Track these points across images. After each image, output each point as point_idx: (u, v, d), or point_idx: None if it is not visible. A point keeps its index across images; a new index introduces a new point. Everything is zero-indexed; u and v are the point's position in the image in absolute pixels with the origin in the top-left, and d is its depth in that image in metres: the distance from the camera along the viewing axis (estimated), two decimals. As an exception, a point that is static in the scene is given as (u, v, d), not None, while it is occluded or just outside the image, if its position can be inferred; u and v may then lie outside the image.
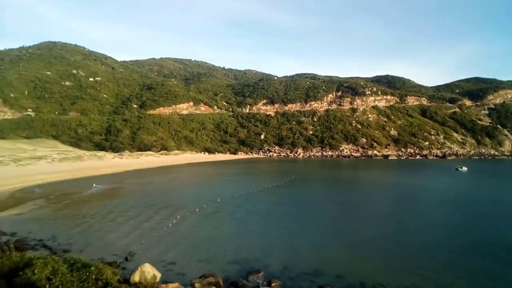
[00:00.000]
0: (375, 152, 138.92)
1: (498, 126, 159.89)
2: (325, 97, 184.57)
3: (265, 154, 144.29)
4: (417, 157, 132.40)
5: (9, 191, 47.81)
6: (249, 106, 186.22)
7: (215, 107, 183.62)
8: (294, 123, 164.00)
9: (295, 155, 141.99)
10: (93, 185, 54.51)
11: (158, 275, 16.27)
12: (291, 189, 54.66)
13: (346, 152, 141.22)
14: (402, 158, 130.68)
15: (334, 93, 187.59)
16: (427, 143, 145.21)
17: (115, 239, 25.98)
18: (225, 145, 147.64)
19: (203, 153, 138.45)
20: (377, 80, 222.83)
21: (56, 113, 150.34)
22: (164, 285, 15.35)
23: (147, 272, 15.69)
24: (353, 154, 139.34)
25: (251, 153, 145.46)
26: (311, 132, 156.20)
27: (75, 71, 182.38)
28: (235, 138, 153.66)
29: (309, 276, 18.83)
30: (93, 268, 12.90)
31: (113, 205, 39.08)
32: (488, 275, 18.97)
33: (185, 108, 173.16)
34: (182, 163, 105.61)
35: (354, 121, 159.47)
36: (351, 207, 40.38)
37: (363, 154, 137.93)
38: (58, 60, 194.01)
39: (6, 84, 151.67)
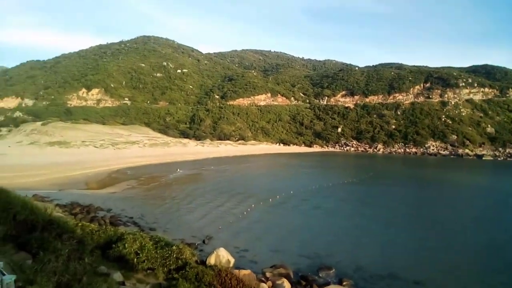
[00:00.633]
0: (466, 151, 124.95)
1: None
2: (411, 89, 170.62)
3: (342, 148, 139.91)
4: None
5: (107, 171, 54.26)
6: (326, 98, 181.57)
7: (292, 98, 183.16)
8: (375, 116, 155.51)
9: (375, 150, 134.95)
10: (177, 169, 58.94)
11: (232, 260, 17.00)
12: (367, 187, 52.16)
13: (433, 150, 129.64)
14: (499, 159, 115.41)
15: (422, 85, 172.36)
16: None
17: (194, 222, 27.83)
18: (300, 137, 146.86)
19: (278, 144, 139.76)
20: (473, 71, 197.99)
21: (148, 102, 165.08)
22: (237, 270, 16.00)
23: (222, 256, 16.51)
24: (441, 152, 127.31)
25: (327, 146, 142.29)
26: (393, 127, 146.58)
27: (165, 63, 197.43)
28: (310, 131, 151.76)
29: (383, 278, 17.95)
30: (174, 247, 14.06)
31: (194, 190, 41.81)
32: None
33: (263, 99, 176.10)
34: (258, 153, 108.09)
35: (443, 116, 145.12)
36: (436, 212, 36.97)
37: (452, 153, 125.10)
38: (151, 53, 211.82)
39: (107, 75, 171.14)
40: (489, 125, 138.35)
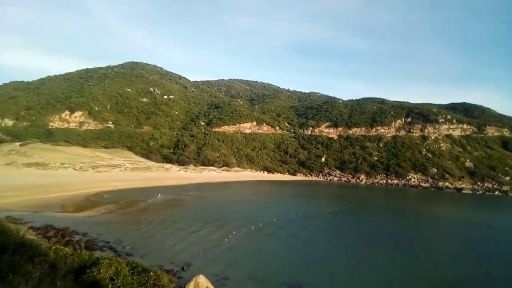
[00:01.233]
0: (446, 183, 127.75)
1: None
2: (393, 123, 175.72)
3: (325, 178, 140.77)
4: (496, 192, 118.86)
5: (85, 194, 52.70)
6: (311, 128, 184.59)
7: (277, 127, 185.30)
8: (357, 147, 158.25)
9: (357, 180, 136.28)
10: (158, 195, 57.77)
11: (211, 288, 16.47)
12: (350, 216, 52.32)
13: (414, 182, 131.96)
14: (478, 192, 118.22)
15: (403, 119, 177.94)
16: (508, 178, 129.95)
17: (174, 248, 27.04)
18: (284, 166, 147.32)
19: (262, 171, 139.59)
20: (452, 108, 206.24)
21: (132, 126, 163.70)
22: (216, 299, 15.48)
23: (202, 284, 15.98)
24: (422, 184, 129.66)
25: (311, 175, 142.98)
26: (375, 158, 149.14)
27: (152, 89, 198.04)
28: (294, 159, 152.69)
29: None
30: (152, 273, 13.51)
31: (175, 216, 40.90)
32: None
33: (248, 127, 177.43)
34: (242, 180, 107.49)
35: (424, 150, 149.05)
36: (422, 246, 37.27)
37: (433, 185, 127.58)
38: (138, 78, 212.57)
39: (92, 99, 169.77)
40: (467, 160, 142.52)
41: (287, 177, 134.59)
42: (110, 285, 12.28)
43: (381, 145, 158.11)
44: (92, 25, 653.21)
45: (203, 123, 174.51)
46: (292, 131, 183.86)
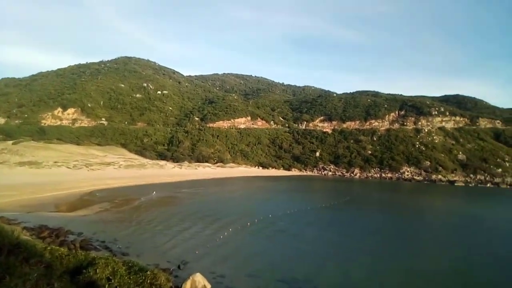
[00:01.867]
0: (439, 176, 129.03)
1: None
2: (387, 116, 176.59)
3: (320, 172, 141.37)
4: (488, 185, 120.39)
5: (79, 193, 52.40)
6: (305, 123, 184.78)
7: (272, 122, 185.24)
8: (351, 141, 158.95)
9: (351, 175, 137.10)
10: (153, 192, 57.64)
11: (209, 286, 16.59)
12: (344, 211, 52.72)
13: (407, 175, 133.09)
14: (470, 185, 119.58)
15: (397, 112, 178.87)
16: (500, 170, 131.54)
17: (170, 246, 27.08)
18: (279, 161, 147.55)
19: (257, 167, 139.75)
20: (445, 100, 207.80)
21: (126, 123, 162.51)
22: (213, 297, 15.59)
23: (198, 281, 16.09)
24: (415, 177, 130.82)
25: (305, 170, 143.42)
26: (369, 152, 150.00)
27: (145, 84, 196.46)
28: (289, 154, 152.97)
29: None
30: (148, 272, 13.55)
31: (170, 213, 40.89)
32: None
33: (242, 122, 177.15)
34: (236, 176, 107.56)
35: (417, 143, 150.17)
36: (414, 238, 37.72)
37: (426, 178, 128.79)
38: (131, 73, 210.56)
39: (85, 95, 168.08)
40: (460, 152, 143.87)
41: (282, 172, 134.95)
42: (107, 286, 12.28)
43: (375, 139, 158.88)
44: (84, 18, 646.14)
45: (197, 118, 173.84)
46: (287, 125, 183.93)
